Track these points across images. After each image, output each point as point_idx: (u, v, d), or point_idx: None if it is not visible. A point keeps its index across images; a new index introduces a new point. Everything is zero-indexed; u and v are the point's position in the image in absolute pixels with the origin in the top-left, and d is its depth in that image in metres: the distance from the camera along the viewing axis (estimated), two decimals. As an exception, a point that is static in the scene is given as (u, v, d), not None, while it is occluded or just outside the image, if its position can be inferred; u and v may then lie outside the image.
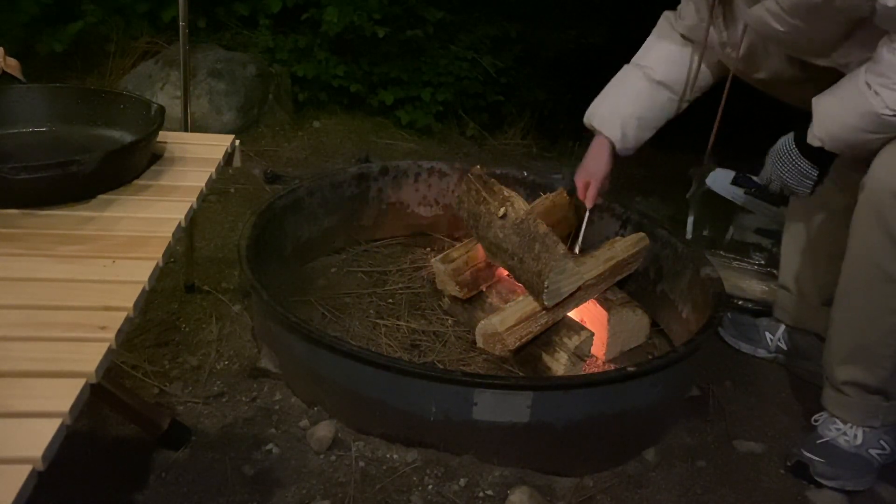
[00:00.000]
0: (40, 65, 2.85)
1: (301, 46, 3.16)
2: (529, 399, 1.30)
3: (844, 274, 1.38)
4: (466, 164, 2.12)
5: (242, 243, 1.58)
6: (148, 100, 1.34)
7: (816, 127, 1.34)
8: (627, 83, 1.72)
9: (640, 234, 1.77)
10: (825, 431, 1.45)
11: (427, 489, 1.29)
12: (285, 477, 1.30)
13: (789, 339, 1.77)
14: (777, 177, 1.42)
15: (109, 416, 1.36)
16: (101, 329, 0.81)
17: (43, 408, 0.69)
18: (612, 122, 1.71)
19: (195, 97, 2.76)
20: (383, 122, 3.25)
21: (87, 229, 1.05)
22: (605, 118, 1.72)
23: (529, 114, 3.55)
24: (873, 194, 1.27)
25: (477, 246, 1.73)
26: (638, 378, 1.36)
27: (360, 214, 2.09)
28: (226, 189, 2.39)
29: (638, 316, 1.72)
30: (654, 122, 1.72)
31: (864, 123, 1.26)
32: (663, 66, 1.68)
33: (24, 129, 1.30)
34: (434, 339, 1.71)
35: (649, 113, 1.71)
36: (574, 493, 1.33)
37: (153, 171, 1.24)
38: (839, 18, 1.26)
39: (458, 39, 3.41)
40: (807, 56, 1.41)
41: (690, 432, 1.52)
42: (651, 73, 1.68)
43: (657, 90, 1.69)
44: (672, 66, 1.68)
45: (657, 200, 2.65)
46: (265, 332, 1.59)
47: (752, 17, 1.37)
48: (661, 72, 1.68)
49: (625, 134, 1.71)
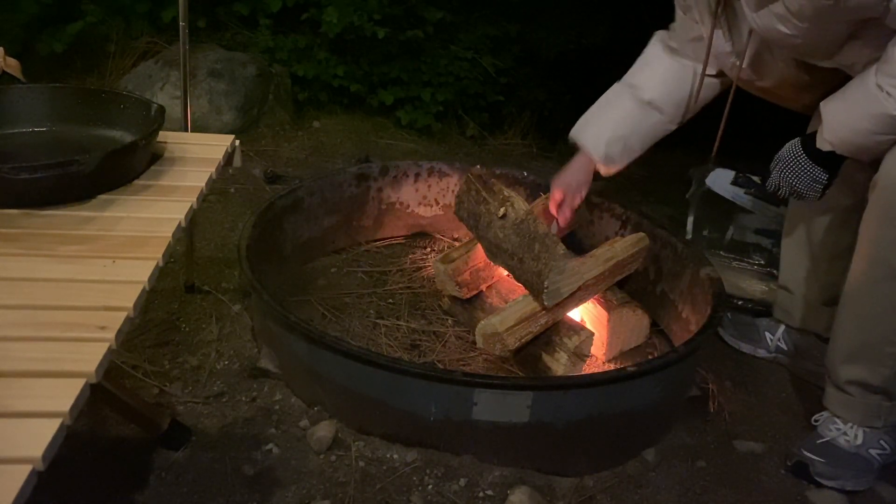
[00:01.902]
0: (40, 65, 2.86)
1: (301, 46, 3.16)
2: (529, 399, 1.30)
3: (853, 272, 1.37)
4: (466, 164, 2.13)
5: (242, 243, 1.58)
6: (148, 100, 1.35)
7: (826, 131, 1.33)
8: (615, 102, 1.70)
9: (640, 234, 1.77)
10: (825, 431, 1.45)
11: (427, 489, 1.29)
12: (285, 477, 1.30)
13: (789, 339, 1.77)
14: (786, 183, 1.40)
15: (109, 416, 1.36)
16: (101, 329, 0.81)
17: (43, 408, 0.70)
18: (597, 142, 1.70)
19: (195, 97, 2.76)
20: (383, 122, 3.25)
21: (87, 229, 1.05)
22: (590, 137, 1.71)
23: (529, 114, 3.56)
24: (885, 192, 1.27)
25: (477, 246, 1.73)
26: (638, 378, 1.36)
27: (360, 214, 2.09)
28: (226, 189, 2.39)
29: (638, 316, 1.72)
30: (640, 144, 1.71)
31: (876, 126, 1.25)
32: (653, 86, 1.65)
33: (24, 129, 1.30)
34: (434, 339, 1.71)
35: (636, 134, 1.69)
36: (574, 493, 1.33)
37: (153, 171, 1.25)
38: (848, 19, 1.24)
39: (458, 39, 3.41)
40: (811, 59, 1.40)
41: (690, 432, 1.52)
42: (641, 93, 1.66)
43: (645, 111, 1.67)
44: (663, 87, 1.65)
45: (657, 200, 2.65)
46: (265, 332, 1.59)
47: (757, 22, 1.35)
48: (650, 92, 1.65)
49: (609, 154, 1.70)
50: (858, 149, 1.31)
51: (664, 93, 1.65)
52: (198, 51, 2.93)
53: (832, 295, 1.58)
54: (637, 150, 1.72)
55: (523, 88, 3.63)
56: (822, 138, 1.34)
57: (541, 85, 3.73)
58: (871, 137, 1.27)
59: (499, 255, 1.63)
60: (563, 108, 3.65)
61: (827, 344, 1.48)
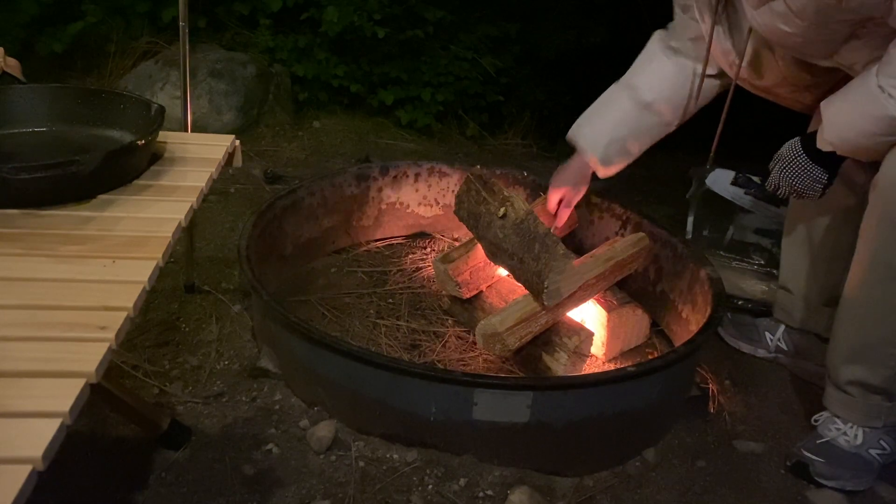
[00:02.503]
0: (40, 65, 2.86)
1: (301, 46, 3.16)
2: (529, 399, 1.30)
3: (853, 272, 1.37)
4: (466, 164, 2.13)
5: (242, 243, 1.58)
6: (148, 100, 1.35)
7: (827, 132, 1.32)
8: (614, 103, 1.69)
9: (640, 234, 1.77)
10: (825, 431, 1.45)
11: (427, 489, 1.29)
12: (285, 477, 1.30)
13: (789, 339, 1.77)
14: (786, 183, 1.40)
15: (109, 416, 1.36)
16: (101, 329, 0.81)
17: (43, 408, 0.70)
18: (595, 143, 1.69)
19: (195, 97, 2.76)
20: (383, 122, 3.25)
21: (87, 229, 1.05)
22: (588, 138, 1.71)
23: (529, 114, 3.56)
24: (886, 193, 1.27)
25: (477, 246, 1.73)
26: (638, 378, 1.36)
27: (360, 214, 2.09)
28: (226, 189, 2.39)
29: (638, 316, 1.72)
30: (638, 145, 1.71)
31: (877, 127, 1.24)
32: (653, 87, 1.64)
33: (24, 129, 1.30)
34: (434, 339, 1.71)
35: (634, 135, 1.68)
36: (574, 493, 1.33)
37: (153, 171, 1.25)
38: (849, 18, 1.23)
39: (458, 39, 3.41)
40: (810, 58, 1.39)
41: (690, 432, 1.52)
42: (640, 93, 1.65)
43: (644, 112, 1.66)
44: (662, 88, 1.64)
45: (657, 200, 2.65)
46: (265, 332, 1.59)
47: (757, 20, 1.34)
48: (649, 93, 1.64)
49: (606, 155, 1.69)
50: (859, 149, 1.31)
51: (663, 93, 1.64)
52: (198, 51, 2.93)
53: (832, 295, 1.57)
54: (635, 152, 1.72)
55: (523, 88, 3.63)
56: (823, 139, 1.33)
57: (541, 85, 3.73)
58: (872, 138, 1.27)
59: (499, 255, 1.63)
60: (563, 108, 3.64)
61: (827, 344, 1.48)
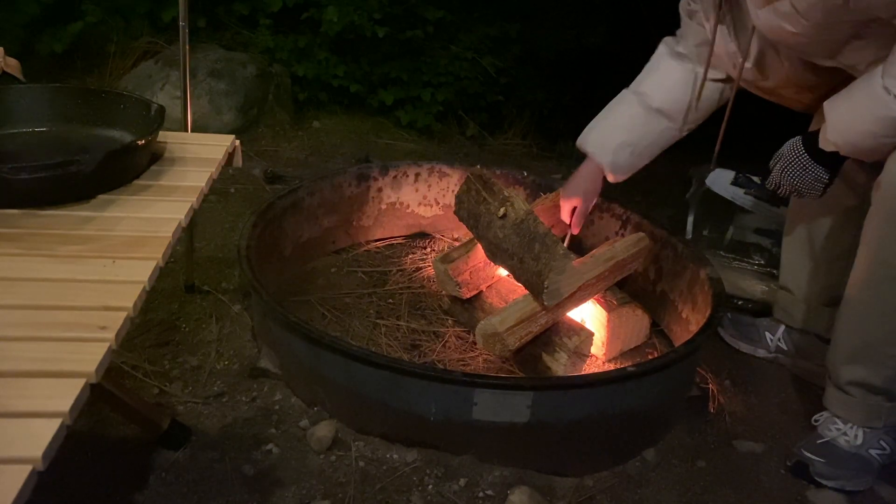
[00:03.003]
0: (40, 65, 2.86)
1: (301, 46, 3.16)
2: (529, 399, 1.30)
3: (855, 272, 1.37)
4: (466, 164, 2.13)
5: (242, 243, 1.58)
6: (148, 100, 1.35)
7: (830, 132, 1.32)
8: (622, 110, 1.69)
9: (640, 234, 1.77)
10: (825, 431, 1.45)
11: (427, 489, 1.29)
12: (285, 477, 1.30)
13: (789, 339, 1.77)
14: (787, 182, 1.40)
15: (109, 416, 1.36)
16: (101, 329, 0.81)
17: (43, 408, 0.70)
18: (604, 149, 1.69)
19: (195, 97, 2.76)
20: (383, 122, 3.25)
21: (87, 229, 1.05)
22: (597, 144, 1.70)
23: (529, 114, 3.55)
24: (888, 193, 1.26)
25: (477, 246, 1.73)
26: (638, 378, 1.36)
27: (360, 214, 2.09)
28: (226, 189, 2.39)
29: (638, 316, 1.72)
30: (648, 151, 1.70)
31: (882, 129, 1.24)
32: (661, 92, 1.64)
33: (24, 129, 1.30)
34: (434, 339, 1.71)
35: (643, 141, 1.68)
36: (574, 493, 1.33)
37: (153, 171, 1.25)
38: (855, 19, 1.23)
39: (458, 39, 3.41)
40: (813, 58, 1.39)
41: (690, 432, 1.52)
42: (648, 100, 1.65)
43: (653, 118, 1.66)
44: (671, 93, 1.64)
45: (657, 200, 2.65)
46: (265, 332, 1.59)
47: (762, 20, 1.34)
48: (658, 99, 1.64)
49: (616, 161, 1.69)
50: (862, 150, 1.31)
51: (672, 99, 1.64)
52: (198, 51, 2.93)
53: (833, 295, 1.57)
54: (645, 158, 1.72)
55: (523, 88, 3.63)
56: (826, 139, 1.33)
57: (541, 85, 3.72)
58: (876, 139, 1.26)
59: (499, 255, 1.63)
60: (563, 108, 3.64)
61: (827, 344, 1.48)
